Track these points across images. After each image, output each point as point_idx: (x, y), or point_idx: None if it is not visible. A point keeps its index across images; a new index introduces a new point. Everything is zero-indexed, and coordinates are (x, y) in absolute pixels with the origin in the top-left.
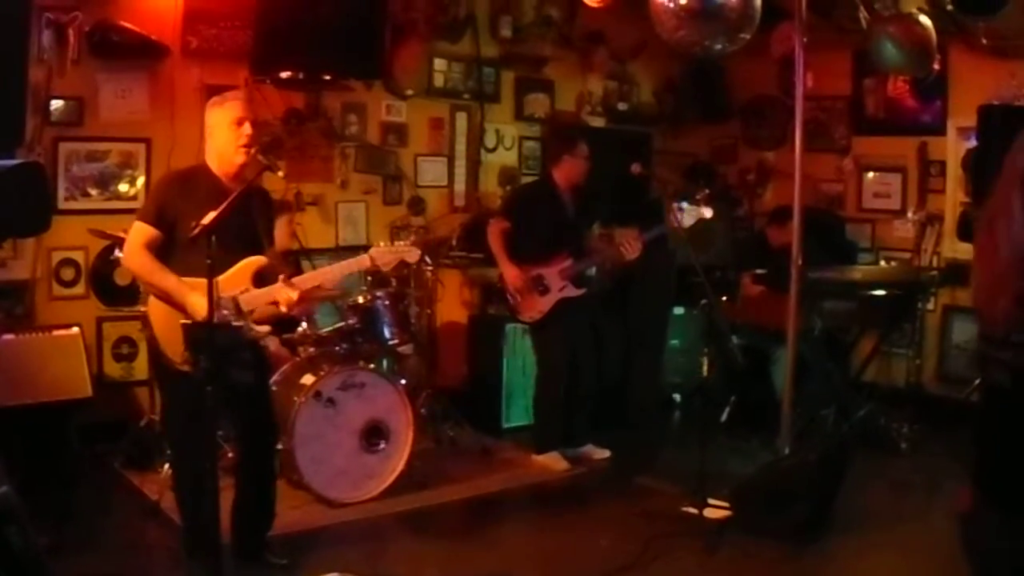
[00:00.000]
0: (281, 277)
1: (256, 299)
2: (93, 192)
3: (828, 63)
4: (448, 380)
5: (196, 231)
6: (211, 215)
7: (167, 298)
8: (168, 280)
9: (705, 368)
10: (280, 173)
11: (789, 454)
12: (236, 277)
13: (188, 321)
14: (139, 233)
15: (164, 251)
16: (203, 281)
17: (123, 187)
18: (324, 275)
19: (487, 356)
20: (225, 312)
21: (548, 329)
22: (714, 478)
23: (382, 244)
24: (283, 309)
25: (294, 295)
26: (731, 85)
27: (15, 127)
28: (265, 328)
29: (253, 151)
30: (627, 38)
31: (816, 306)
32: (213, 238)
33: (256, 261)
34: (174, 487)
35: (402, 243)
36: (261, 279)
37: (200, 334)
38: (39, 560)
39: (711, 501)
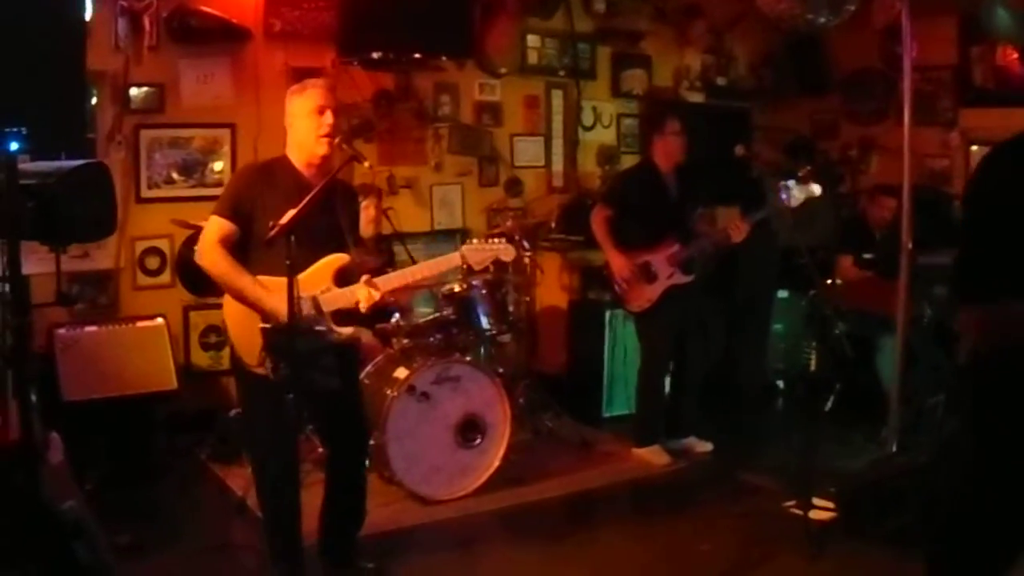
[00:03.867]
0: (364, 277)
1: (337, 299)
2: (177, 179)
3: (932, 31)
4: (547, 366)
5: (274, 232)
6: (289, 214)
7: (242, 299)
8: (243, 281)
9: (813, 360)
10: (367, 164)
11: (897, 452)
12: (317, 276)
13: (267, 326)
14: (214, 228)
15: (241, 247)
16: (281, 281)
17: (209, 173)
18: (411, 274)
19: (587, 342)
20: (307, 312)
21: (655, 317)
22: (818, 472)
23: (475, 241)
24: (362, 308)
25: (376, 295)
26: (830, 57)
27: (75, 128)
28: (347, 329)
29: (337, 141)
30: (724, 10)
31: (926, 292)
32: (292, 238)
33: (338, 259)
34: (257, 485)
35: (496, 241)
36: (344, 278)
37: (280, 340)
38: (106, 574)
39: (816, 502)
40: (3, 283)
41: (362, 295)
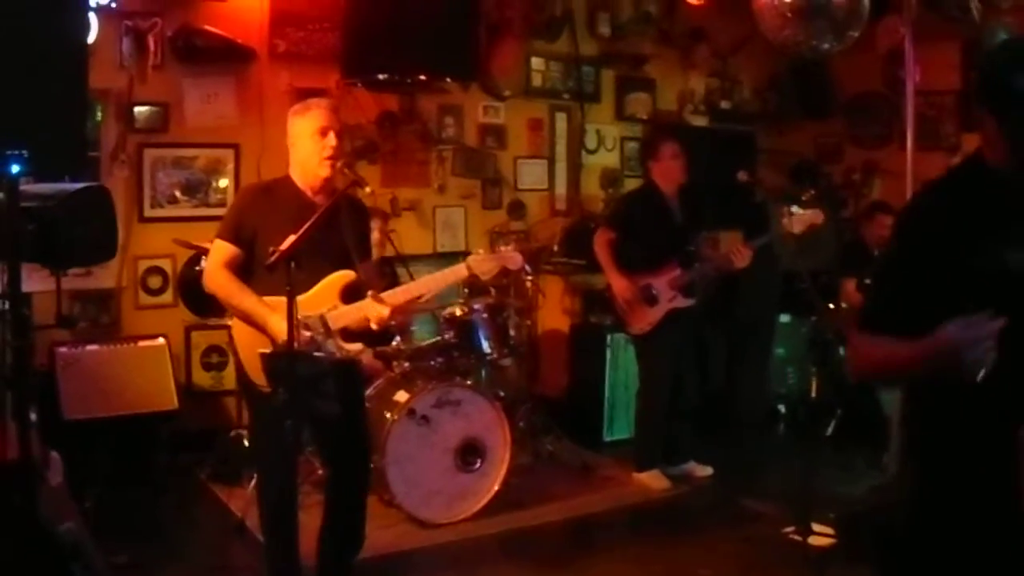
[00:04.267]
0: (370, 293)
1: (344, 316)
2: (181, 199)
3: (935, 56)
4: (548, 389)
5: (273, 258)
6: (289, 240)
7: (249, 320)
8: (248, 301)
9: (814, 387)
10: (368, 189)
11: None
12: (323, 294)
13: (266, 350)
14: (218, 252)
15: (246, 268)
16: (285, 302)
17: (212, 193)
18: (417, 288)
19: (589, 366)
20: (309, 334)
21: (655, 341)
22: (819, 497)
23: (480, 251)
24: (373, 326)
25: (384, 311)
26: (834, 81)
27: (76, 150)
28: (356, 346)
29: (339, 165)
30: (728, 33)
31: None
32: (292, 264)
33: (344, 276)
34: (259, 505)
35: (503, 248)
36: (350, 295)
37: (280, 364)
38: None
39: (815, 528)
40: (3, 300)
41: (371, 312)
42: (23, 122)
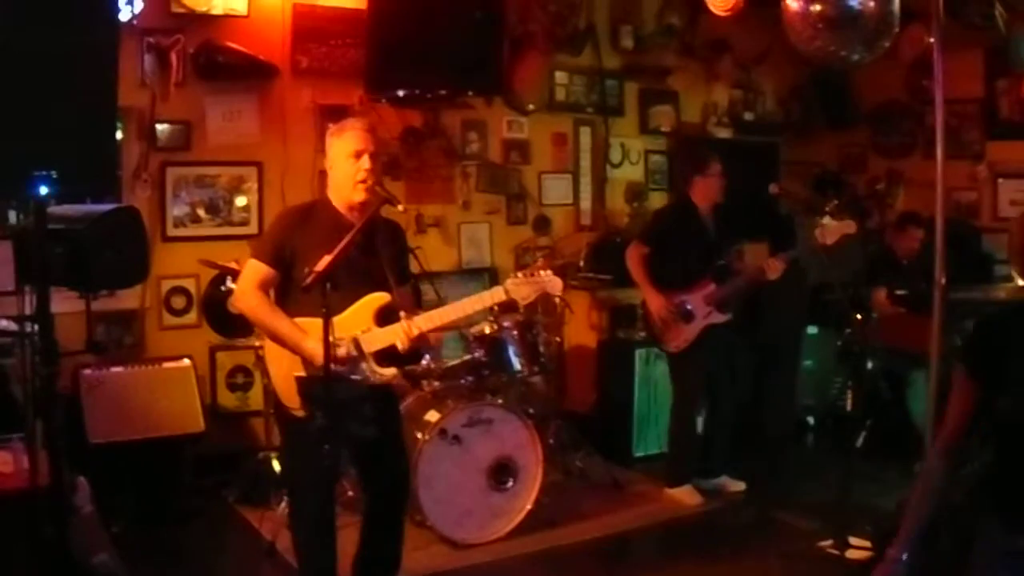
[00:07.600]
0: (403, 315)
1: (378, 339)
2: (204, 218)
3: (958, 64)
4: (576, 405)
5: (309, 279)
6: (325, 260)
7: (281, 342)
8: (281, 324)
9: (849, 399)
10: (400, 207)
11: None
12: (357, 315)
13: (302, 374)
14: (252, 272)
15: (281, 289)
16: (320, 324)
17: (235, 211)
18: (453, 312)
19: (617, 381)
20: (345, 350)
21: (690, 357)
22: (852, 510)
23: (520, 275)
24: (400, 348)
25: (414, 332)
26: (857, 90)
27: (106, 170)
28: (390, 371)
29: (370, 183)
30: (751, 44)
31: (958, 327)
32: (328, 285)
33: (378, 298)
34: (292, 531)
35: (543, 273)
36: (385, 317)
37: (315, 388)
38: None
39: (852, 541)
40: (31, 323)
41: (401, 336)
42: (51, 142)
